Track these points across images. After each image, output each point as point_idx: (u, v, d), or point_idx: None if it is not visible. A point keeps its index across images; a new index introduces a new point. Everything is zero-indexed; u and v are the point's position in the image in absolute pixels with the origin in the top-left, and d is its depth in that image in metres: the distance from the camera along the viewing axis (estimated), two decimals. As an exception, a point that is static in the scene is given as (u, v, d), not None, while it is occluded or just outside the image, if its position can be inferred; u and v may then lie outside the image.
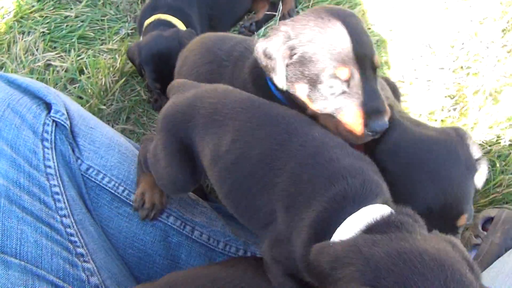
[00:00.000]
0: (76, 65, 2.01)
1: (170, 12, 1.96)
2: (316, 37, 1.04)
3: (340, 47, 1.02)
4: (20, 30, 2.13)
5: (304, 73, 1.06)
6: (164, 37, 1.80)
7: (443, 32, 2.14)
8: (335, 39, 1.03)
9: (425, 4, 2.22)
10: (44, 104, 1.33)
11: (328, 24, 1.05)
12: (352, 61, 1.02)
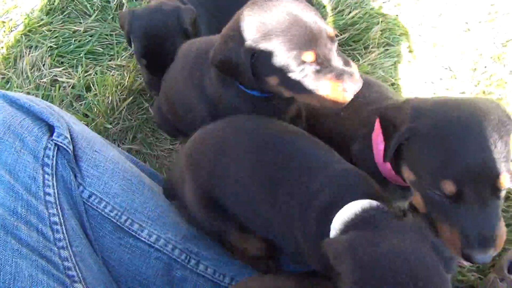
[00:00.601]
0: (83, 81, 1.98)
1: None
2: (271, 30, 1.09)
3: (297, 33, 1.07)
4: (27, 44, 2.11)
5: (272, 67, 1.11)
6: (162, 11, 1.70)
7: (464, 54, 2.08)
8: (289, 27, 1.08)
9: (445, 25, 2.16)
10: (46, 126, 1.29)
11: (276, 14, 1.10)
12: (312, 42, 1.08)
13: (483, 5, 2.20)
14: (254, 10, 1.13)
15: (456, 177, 0.92)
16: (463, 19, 2.16)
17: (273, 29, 1.09)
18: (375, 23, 2.15)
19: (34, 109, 1.29)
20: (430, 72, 2.05)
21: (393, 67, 2.04)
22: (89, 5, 2.27)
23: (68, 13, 2.27)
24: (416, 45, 2.11)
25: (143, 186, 1.38)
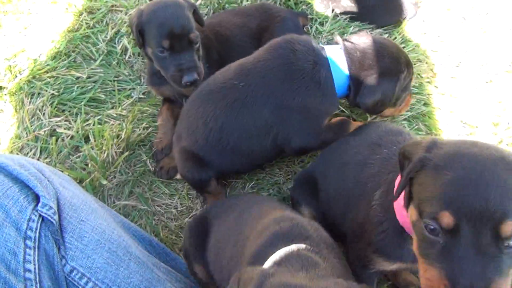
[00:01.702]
0: (81, 132, 2.02)
1: None
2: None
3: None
4: (29, 91, 2.17)
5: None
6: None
7: (485, 108, 2.03)
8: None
9: (466, 75, 2.12)
10: (33, 194, 1.31)
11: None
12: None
13: (506, 54, 2.16)
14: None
15: (455, 209, 0.87)
16: (484, 70, 2.12)
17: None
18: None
19: (21, 176, 1.31)
20: (447, 127, 2.01)
21: (407, 122, 2.00)
22: (94, 49, 2.34)
23: (73, 58, 2.34)
24: (433, 98, 2.08)
25: (129, 258, 1.37)
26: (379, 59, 1.64)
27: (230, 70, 1.74)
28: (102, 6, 2.48)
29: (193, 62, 1.81)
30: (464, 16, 2.27)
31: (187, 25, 1.79)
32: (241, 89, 1.66)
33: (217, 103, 1.69)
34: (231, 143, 1.70)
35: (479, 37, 2.19)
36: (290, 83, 1.63)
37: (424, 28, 2.25)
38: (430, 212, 0.92)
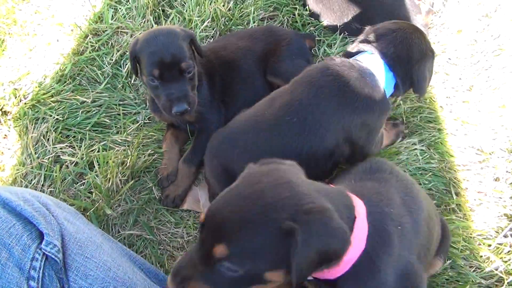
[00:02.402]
0: (86, 159, 2.02)
1: None
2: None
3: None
4: (34, 116, 2.18)
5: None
6: (168, 27, 1.85)
7: (498, 134, 2.01)
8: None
9: (478, 99, 2.10)
10: (37, 232, 1.31)
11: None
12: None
13: (520, 78, 2.14)
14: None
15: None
16: (497, 94, 2.10)
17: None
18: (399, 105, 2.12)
19: (25, 213, 1.31)
20: (461, 154, 1.99)
21: (420, 151, 1.98)
22: (99, 72, 2.35)
23: (78, 81, 2.35)
24: (446, 123, 2.06)
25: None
26: (410, 46, 1.69)
27: (275, 107, 1.69)
28: (108, 28, 2.50)
29: (184, 92, 1.79)
30: (475, 38, 2.26)
31: (178, 54, 1.78)
32: (298, 124, 1.63)
33: (272, 140, 1.65)
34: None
35: (491, 60, 2.18)
36: (346, 106, 1.62)
37: (435, 50, 2.23)
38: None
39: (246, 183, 1.12)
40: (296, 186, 1.07)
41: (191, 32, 1.88)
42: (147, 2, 2.52)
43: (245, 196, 1.06)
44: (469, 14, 2.34)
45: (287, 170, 1.15)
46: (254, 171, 1.16)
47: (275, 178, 1.09)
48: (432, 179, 1.94)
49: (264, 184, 1.07)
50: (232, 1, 2.50)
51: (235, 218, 1.04)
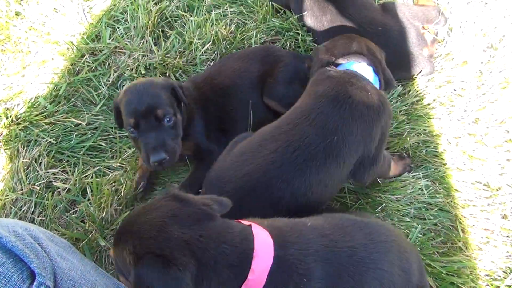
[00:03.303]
0: (79, 185, 1.96)
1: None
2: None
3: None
4: (26, 139, 2.13)
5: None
6: (148, 78, 1.85)
7: (505, 169, 2.00)
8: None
9: (484, 132, 2.09)
10: (28, 270, 1.25)
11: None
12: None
13: (526, 111, 2.14)
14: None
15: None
16: (504, 127, 2.09)
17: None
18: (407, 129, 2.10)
19: (16, 250, 1.25)
20: (467, 190, 1.96)
21: (425, 185, 1.95)
22: (96, 94, 2.31)
23: (73, 102, 2.30)
24: (452, 157, 2.04)
25: None
26: (378, 50, 1.90)
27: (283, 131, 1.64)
28: (105, 48, 2.46)
29: (161, 141, 1.74)
30: (481, 69, 2.26)
31: (153, 101, 1.74)
32: (312, 149, 1.58)
33: (286, 174, 1.56)
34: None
35: (497, 93, 2.17)
36: (353, 120, 1.62)
37: (440, 81, 2.23)
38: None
39: (139, 210, 1.26)
40: (162, 231, 1.15)
41: (172, 82, 1.83)
42: (146, 22, 2.49)
43: (128, 222, 1.24)
44: (474, 44, 2.34)
45: (174, 212, 1.20)
46: (153, 202, 1.27)
47: (154, 217, 1.19)
48: (438, 214, 1.91)
49: (143, 219, 1.19)
50: (233, 24, 2.49)
51: (117, 234, 1.23)
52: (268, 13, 2.51)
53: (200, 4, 2.60)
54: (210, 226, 1.20)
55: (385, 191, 1.95)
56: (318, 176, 1.57)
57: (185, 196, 1.26)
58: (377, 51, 1.91)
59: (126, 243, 1.16)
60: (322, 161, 1.56)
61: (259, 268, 1.17)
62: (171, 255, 1.11)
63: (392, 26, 2.20)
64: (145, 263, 1.10)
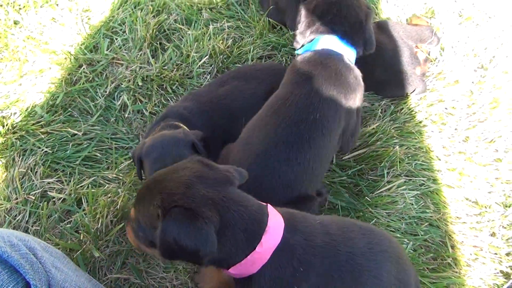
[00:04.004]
0: (74, 195, 1.98)
1: (179, 120, 2.00)
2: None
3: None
4: (21, 147, 2.14)
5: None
6: (171, 131, 1.85)
7: (494, 187, 2.05)
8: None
9: (474, 151, 2.14)
10: (23, 282, 1.26)
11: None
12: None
13: (515, 131, 2.20)
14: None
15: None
16: (493, 146, 2.14)
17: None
18: (395, 143, 2.14)
19: (12, 260, 1.26)
20: (456, 206, 2.01)
21: (415, 199, 2.00)
22: (92, 104, 2.33)
23: (70, 112, 2.32)
24: (442, 174, 2.09)
25: None
26: (357, 12, 1.87)
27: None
28: (103, 59, 2.49)
29: None
30: (471, 89, 2.32)
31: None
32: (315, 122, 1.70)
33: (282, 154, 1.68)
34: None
35: (487, 113, 2.23)
36: (343, 90, 1.75)
37: (431, 99, 2.29)
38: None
39: (165, 170, 1.34)
40: (190, 188, 1.24)
41: (191, 137, 1.84)
42: (144, 34, 2.53)
43: (155, 180, 1.30)
44: (465, 64, 2.41)
45: (200, 173, 1.29)
46: (179, 164, 1.36)
47: (181, 175, 1.27)
48: (428, 230, 1.95)
49: (169, 177, 1.28)
50: (231, 39, 2.53)
51: (142, 193, 1.32)
52: (264, 29, 2.56)
53: (198, 18, 2.65)
54: (231, 191, 1.29)
55: (376, 206, 1.99)
56: (311, 151, 1.68)
57: (209, 161, 1.36)
58: (358, 12, 1.88)
59: (153, 198, 1.23)
60: (312, 136, 1.68)
61: (267, 244, 1.25)
62: (198, 209, 1.19)
63: (387, 45, 2.26)
64: (172, 215, 1.18)
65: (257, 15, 2.63)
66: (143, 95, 2.36)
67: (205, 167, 1.32)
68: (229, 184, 1.30)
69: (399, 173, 2.05)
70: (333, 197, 2.00)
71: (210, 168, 1.33)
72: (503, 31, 2.58)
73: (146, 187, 1.31)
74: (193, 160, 1.36)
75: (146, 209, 1.26)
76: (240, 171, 1.37)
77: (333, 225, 1.39)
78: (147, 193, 1.28)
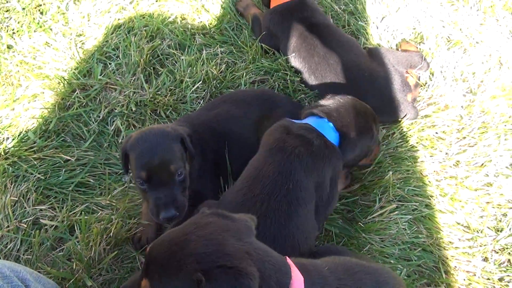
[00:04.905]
0: (66, 222, 1.97)
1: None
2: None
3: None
4: (14, 174, 2.13)
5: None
6: (159, 125, 1.83)
7: (486, 212, 2.07)
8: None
9: (465, 175, 2.17)
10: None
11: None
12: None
13: (505, 155, 2.23)
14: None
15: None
16: (484, 171, 2.18)
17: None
18: (388, 169, 2.17)
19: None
20: (448, 231, 2.03)
21: (408, 224, 2.02)
22: (86, 129, 2.33)
23: (62, 137, 2.32)
24: (433, 198, 2.11)
25: None
26: (354, 118, 1.92)
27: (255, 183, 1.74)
28: (96, 84, 2.51)
29: (172, 197, 1.76)
30: (461, 113, 2.37)
31: (167, 157, 1.75)
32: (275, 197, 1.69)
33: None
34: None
35: (477, 137, 2.27)
36: (301, 169, 1.75)
37: (422, 124, 2.32)
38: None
39: (183, 230, 1.22)
40: (223, 244, 1.15)
41: (180, 133, 1.85)
42: (138, 59, 2.55)
43: (176, 243, 1.17)
44: (454, 89, 2.46)
45: (226, 226, 1.23)
46: (197, 220, 1.26)
47: (208, 232, 1.18)
48: (422, 255, 1.96)
49: (195, 236, 1.17)
50: (224, 64, 2.56)
51: (160, 260, 1.16)
52: (257, 54, 2.60)
53: (191, 43, 2.68)
54: (255, 241, 1.24)
55: (369, 231, 2.00)
56: (292, 222, 1.67)
57: (226, 213, 1.29)
58: (351, 126, 1.92)
59: (184, 264, 1.12)
60: (288, 207, 1.67)
61: None
62: (240, 266, 1.11)
63: (378, 72, 2.30)
64: (217, 276, 1.09)
65: (250, 40, 2.67)
66: (136, 120, 2.37)
67: (226, 219, 1.25)
68: (252, 234, 1.25)
69: (391, 199, 2.07)
70: (327, 224, 2.01)
71: (231, 219, 1.26)
72: (490, 56, 2.64)
73: (165, 251, 1.17)
74: (210, 215, 1.27)
75: (175, 277, 1.13)
76: (251, 217, 1.32)
77: (339, 269, 1.38)
78: (170, 258, 1.15)
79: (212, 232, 1.18)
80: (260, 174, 1.74)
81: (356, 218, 2.05)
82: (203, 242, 1.15)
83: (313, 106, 2.00)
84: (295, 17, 2.52)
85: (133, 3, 2.88)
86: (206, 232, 1.18)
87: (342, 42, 2.43)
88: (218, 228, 1.20)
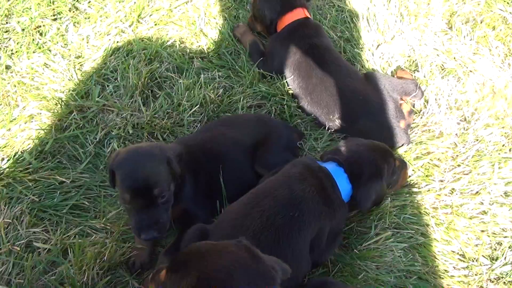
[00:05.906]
0: (60, 246, 1.95)
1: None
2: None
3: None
4: (8, 195, 2.12)
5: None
6: (147, 144, 1.87)
7: (481, 241, 2.08)
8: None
9: (460, 204, 2.18)
10: None
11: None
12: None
13: (499, 183, 2.25)
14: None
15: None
16: (479, 199, 2.19)
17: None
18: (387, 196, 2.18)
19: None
20: (444, 259, 2.03)
21: (403, 252, 2.02)
22: (82, 151, 2.34)
23: (58, 158, 2.32)
24: (430, 228, 2.12)
25: None
26: (364, 165, 1.97)
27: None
28: (94, 105, 2.52)
29: (154, 220, 1.79)
30: (455, 141, 2.40)
31: (151, 180, 1.77)
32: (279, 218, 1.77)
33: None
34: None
35: (471, 165, 2.30)
36: (307, 210, 1.82)
37: (417, 152, 2.35)
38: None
39: (207, 245, 1.31)
40: (231, 276, 1.18)
41: (168, 153, 1.86)
42: (136, 82, 2.58)
43: (194, 252, 1.28)
44: (448, 117, 2.49)
45: (245, 261, 1.25)
46: (225, 244, 1.32)
47: (226, 259, 1.23)
48: (417, 283, 1.96)
49: (213, 256, 1.24)
50: (221, 88, 2.59)
51: (180, 260, 1.29)
52: (254, 78, 2.64)
53: (190, 66, 2.71)
54: None
55: (365, 258, 2.00)
56: (289, 246, 1.74)
57: (256, 250, 1.28)
58: (363, 169, 1.97)
59: (188, 275, 1.18)
60: (289, 231, 1.75)
61: None
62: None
63: (373, 98, 2.34)
64: None
65: (247, 65, 2.71)
66: (133, 142, 2.38)
67: (250, 257, 1.25)
68: (272, 283, 1.22)
69: (387, 226, 2.08)
70: (322, 250, 2.01)
71: (256, 259, 1.25)
72: (483, 85, 2.69)
73: (185, 256, 1.26)
74: (239, 244, 1.28)
75: (177, 281, 1.21)
76: (284, 268, 1.30)
77: None
78: (184, 265, 1.22)
79: (228, 260, 1.22)
80: (273, 193, 1.83)
81: (351, 245, 2.04)
82: (212, 266, 1.20)
83: (335, 151, 2.06)
84: (298, 35, 2.59)
85: (132, 26, 2.92)
86: (222, 259, 1.23)
87: (340, 66, 2.47)
88: (236, 261, 1.22)
